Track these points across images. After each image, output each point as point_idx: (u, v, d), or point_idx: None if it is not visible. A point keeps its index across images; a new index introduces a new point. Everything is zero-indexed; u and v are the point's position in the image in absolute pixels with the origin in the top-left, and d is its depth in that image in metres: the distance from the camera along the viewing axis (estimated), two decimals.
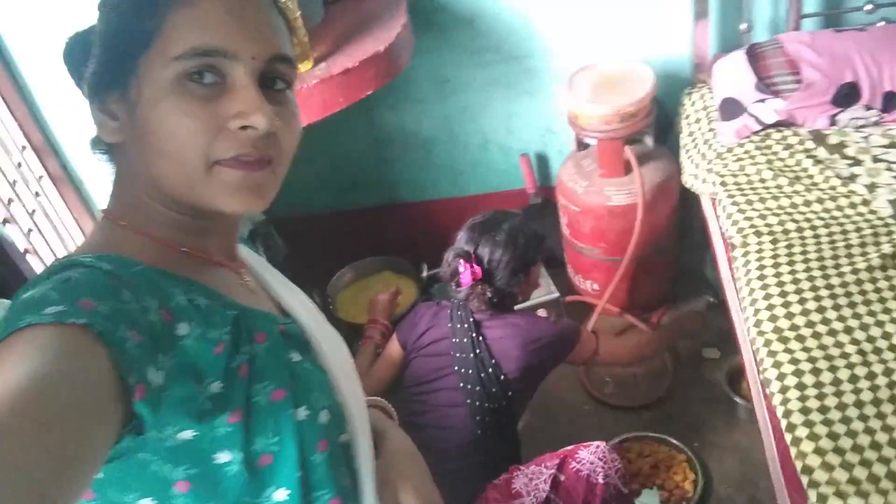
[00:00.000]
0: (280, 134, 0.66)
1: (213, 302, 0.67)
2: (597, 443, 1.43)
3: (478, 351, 1.56)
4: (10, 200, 1.11)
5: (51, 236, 1.27)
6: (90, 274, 0.57)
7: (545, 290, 2.20)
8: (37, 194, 1.26)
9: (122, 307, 0.55)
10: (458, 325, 1.60)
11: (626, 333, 1.95)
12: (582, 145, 2.11)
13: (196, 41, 0.62)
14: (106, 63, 0.65)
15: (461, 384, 1.56)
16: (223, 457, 0.63)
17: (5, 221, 1.10)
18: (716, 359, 2.14)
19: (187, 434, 0.61)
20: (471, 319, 1.60)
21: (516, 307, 1.71)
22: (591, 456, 1.41)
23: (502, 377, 1.56)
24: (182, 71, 0.62)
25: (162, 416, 0.58)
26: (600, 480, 1.38)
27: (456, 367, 1.57)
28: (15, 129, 1.32)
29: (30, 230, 1.18)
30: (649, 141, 2.05)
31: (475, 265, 1.57)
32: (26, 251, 1.15)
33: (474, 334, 1.58)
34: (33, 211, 1.20)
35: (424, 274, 2.26)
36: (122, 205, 0.69)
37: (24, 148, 1.30)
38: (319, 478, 0.70)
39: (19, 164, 1.24)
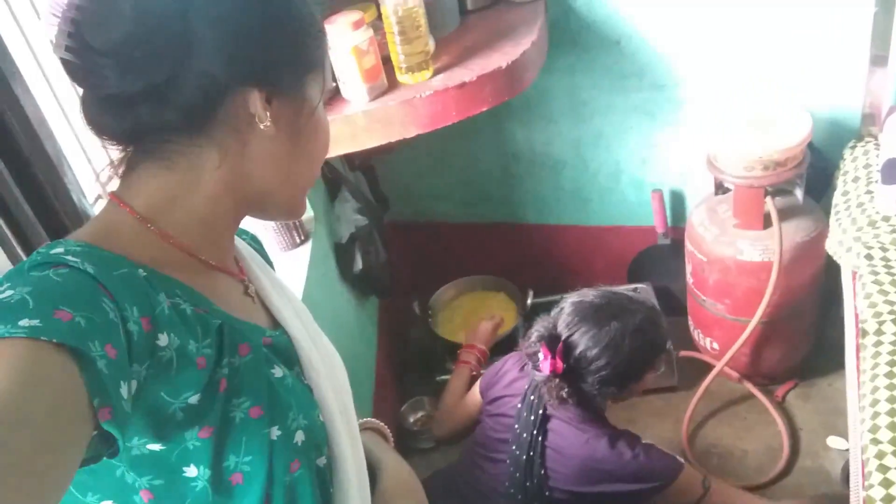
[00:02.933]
0: None
1: (199, 308, 0.65)
2: None
3: (531, 453, 1.36)
4: (109, 178, 1.16)
5: None
6: (72, 277, 0.56)
7: None
8: None
9: (100, 319, 0.54)
10: (525, 413, 1.39)
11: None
12: (721, 189, 1.93)
13: (329, 86, 0.74)
14: (283, 63, 0.67)
15: (513, 471, 1.40)
16: (191, 471, 0.62)
17: (98, 198, 1.16)
18: (842, 450, 1.87)
19: (156, 445, 0.61)
20: (539, 412, 1.36)
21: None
22: None
23: (547, 493, 1.37)
24: (324, 100, 0.72)
25: (131, 428, 0.57)
26: None
27: (511, 457, 1.41)
28: None
29: None
30: (799, 194, 1.83)
31: (559, 358, 1.28)
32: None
33: (535, 431, 1.35)
34: None
35: (529, 301, 2.16)
36: (137, 195, 0.66)
37: None
38: (289, 500, 0.69)
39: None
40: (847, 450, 1.86)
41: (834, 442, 1.90)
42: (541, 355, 1.29)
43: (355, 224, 1.78)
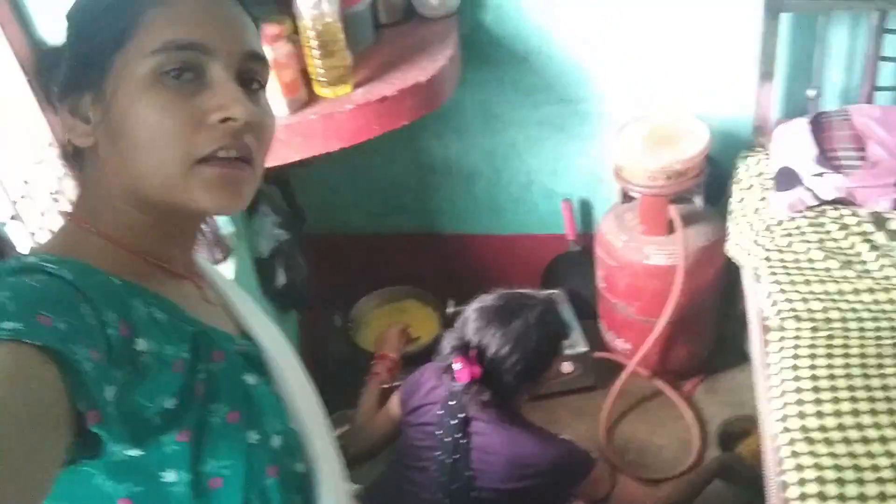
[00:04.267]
0: (256, 132, 0.66)
1: (173, 317, 0.65)
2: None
3: (456, 456, 1.39)
4: (21, 197, 1.10)
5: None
6: (50, 283, 0.56)
7: (575, 343, 2.12)
8: (54, 193, 1.26)
9: (80, 323, 0.54)
10: (447, 419, 1.42)
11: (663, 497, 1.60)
12: (627, 198, 2.03)
13: (173, 35, 0.62)
14: (78, 64, 0.65)
15: (438, 476, 1.42)
16: (170, 476, 0.62)
17: (11, 218, 1.09)
18: None
19: (134, 451, 0.60)
20: (460, 415, 1.39)
21: None
22: None
23: (474, 493, 1.39)
24: (158, 66, 0.61)
25: (111, 433, 0.57)
26: None
27: (436, 463, 1.42)
28: (44, 125, 1.32)
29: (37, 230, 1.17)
30: (699, 201, 1.95)
31: (474, 364, 1.32)
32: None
33: (458, 434, 1.38)
34: (43, 213, 1.19)
35: (450, 310, 2.19)
36: (88, 209, 0.68)
37: (50, 144, 1.30)
38: (268, 503, 0.68)
39: (40, 162, 1.24)
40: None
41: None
42: (457, 365, 1.32)
43: (276, 238, 1.75)
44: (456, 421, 1.40)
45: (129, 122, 0.62)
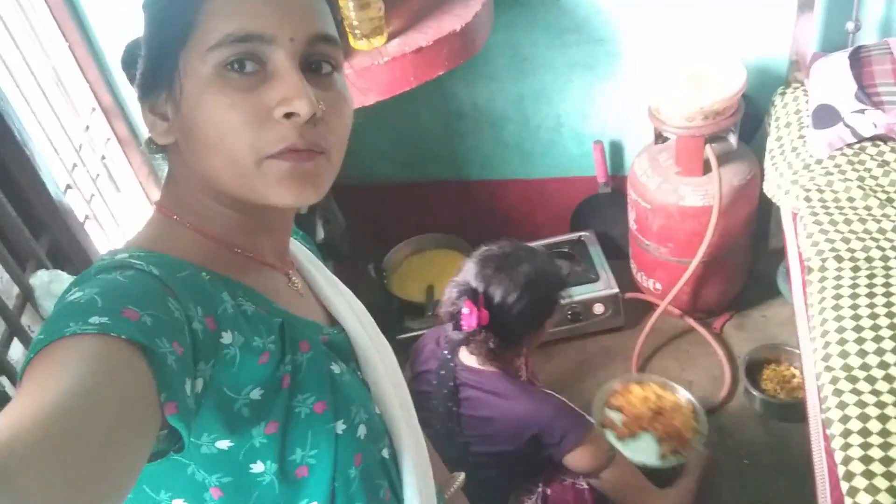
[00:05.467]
0: (328, 120, 0.64)
1: (260, 307, 0.66)
2: None
3: (450, 423, 1.41)
4: (73, 166, 1.12)
5: (113, 201, 1.28)
6: (139, 278, 0.57)
7: (605, 284, 2.14)
8: (102, 157, 1.27)
9: (166, 318, 0.55)
10: (440, 389, 1.43)
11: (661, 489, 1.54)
12: (660, 138, 2.01)
13: (230, 28, 0.60)
14: (151, 62, 0.64)
15: (438, 444, 1.41)
16: (258, 467, 0.64)
17: (67, 188, 1.11)
18: None
19: (224, 444, 0.62)
20: (450, 384, 1.41)
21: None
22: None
23: (470, 458, 1.39)
24: (220, 61, 0.60)
25: (198, 425, 0.58)
26: (585, 485, 1.35)
27: (433, 431, 1.43)
28: (86, 90, 1.33)
29: (92, 196, 1.19)
30: (733, 140, 1.94)
31: (482, 308, 1.32)
32: (87, 218, 1.16)
33: (450, 403, 1.40)
34: (97, 176, 1.21)
35: None
36: (175, 201, 0.69)
37: (93, 110, 1.31)
38: (354, 491, 0.70)
39: (87, 127, 1.25)
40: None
41: None
42: (465, 310, 1.32)
43: None
44: (447, 390, 1.41)
45: (197, 121, 0.61)
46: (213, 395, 0.59)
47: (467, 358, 1.44)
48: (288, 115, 0.60)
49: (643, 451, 1.76)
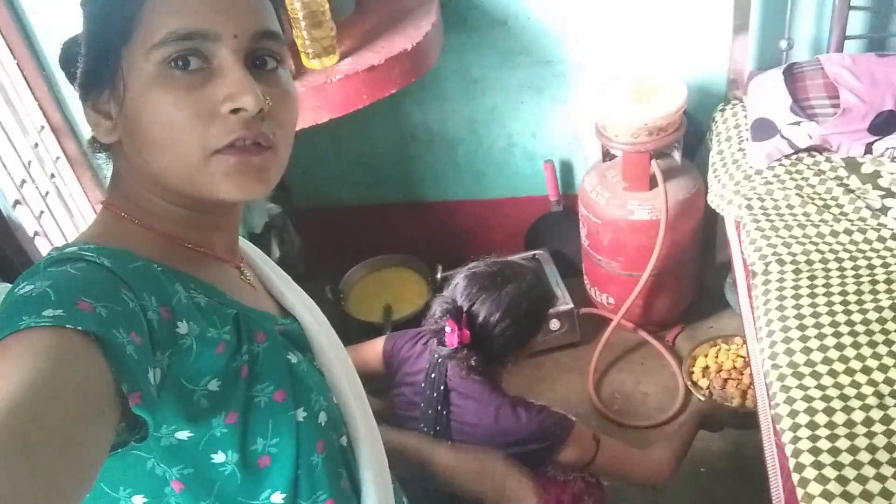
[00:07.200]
0: (275, 114, 0.64)
1: (214, 300, 0.66)
2: None
3: (438, 427, 1.41)
4: (22, 182, 1.11)
5: (63, 219, 1.26)
6: (90, 270, 0.57)
7: (560, 301, 2.18)
8: (52, 176, 1.26)
9: (121, 308, 0.54)
10: (428, 392, 1.43)
11: (648, 449, 1.57)
12: (608, 156, 2.07)
13: (173, 25, 0.59)
14: (92, 60, 0.63)
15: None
16: (219, 457, 0.63)
17: (16, 203, 1.10)
18: None
19: (183, 434, 0.61)
20: (441, 388, 1.41)
21: None
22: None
23: None
24: (163, 59, 0.60)
25: (157, 416, 0.58)
26: (566, 477, 1.38)
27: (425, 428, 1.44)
28: (34, 108, 1.31)
29: (41, 212, 1.17)
30: (677, 156, 2.00)
31: (465, 328, 1.33)
32: (36, 234, 1.14)
33: (439, 407, 1.41)
34: (47, 193, 1.19)
35: (439, 275, 2.23)
36: (122, 199, 0.68)
37: (42, 128, 1.30)
38: (316, 478, 0.70)
39: (36, 145, 1.24)
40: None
41: None
42: (448, 328, 1.32)
43: (268, 213, 1.76)
44: (436, 393, 1.41)
45: (142, 120, 0.61)
46: (171, 386, 0.59)
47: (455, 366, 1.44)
48: (235, 111, 0.60)
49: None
